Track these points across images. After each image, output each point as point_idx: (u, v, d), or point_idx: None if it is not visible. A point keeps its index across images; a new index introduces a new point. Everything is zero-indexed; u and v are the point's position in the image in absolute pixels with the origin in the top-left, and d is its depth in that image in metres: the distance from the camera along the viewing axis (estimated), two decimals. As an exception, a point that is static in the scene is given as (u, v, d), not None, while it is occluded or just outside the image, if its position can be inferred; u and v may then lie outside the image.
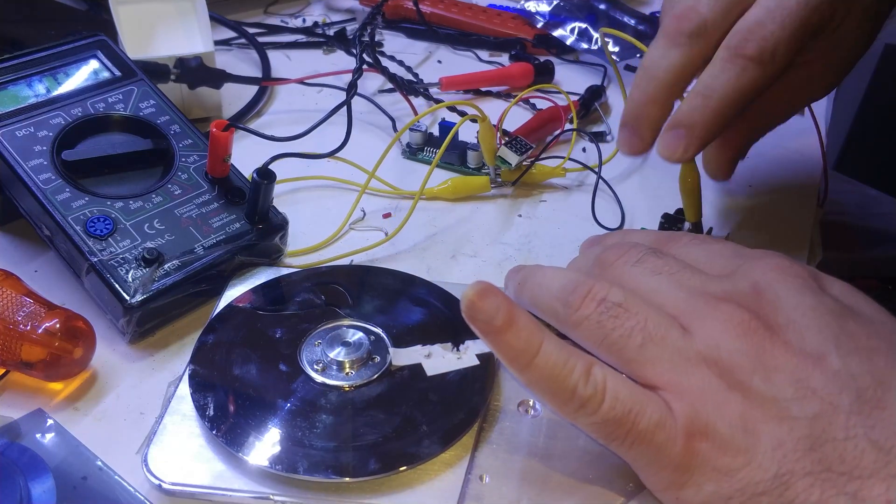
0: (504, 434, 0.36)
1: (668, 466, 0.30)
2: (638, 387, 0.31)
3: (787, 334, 0.30)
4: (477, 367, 0.38)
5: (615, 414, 0.30)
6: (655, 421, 0.30)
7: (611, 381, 0.30)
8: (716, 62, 0.40)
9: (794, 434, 0.28)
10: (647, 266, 0.34)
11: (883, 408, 0.28)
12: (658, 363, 0.31)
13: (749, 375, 0.30)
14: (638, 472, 0.32)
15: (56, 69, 0.48)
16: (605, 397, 0.30)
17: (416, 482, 0.34)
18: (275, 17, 0.76)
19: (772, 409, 0.29)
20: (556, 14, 0.71)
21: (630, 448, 0.30)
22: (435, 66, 0.70)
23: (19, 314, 0.39)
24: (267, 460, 0.34)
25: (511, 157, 0.52)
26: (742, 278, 0.33)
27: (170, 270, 0.42)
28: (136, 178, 0.46)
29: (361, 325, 0.41)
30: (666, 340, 0.31)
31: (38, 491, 0.34)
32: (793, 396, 0.29)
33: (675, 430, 0.30)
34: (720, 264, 0.35)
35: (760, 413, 0.29)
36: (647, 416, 0.30)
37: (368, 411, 0.36)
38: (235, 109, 0.61)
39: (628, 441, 0.30)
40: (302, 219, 0.50)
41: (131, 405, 0.39)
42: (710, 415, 0.29)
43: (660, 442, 0.30)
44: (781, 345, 0.30)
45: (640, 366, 0.31)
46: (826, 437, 0.28)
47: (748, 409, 0.29)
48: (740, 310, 0.31)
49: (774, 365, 0.29)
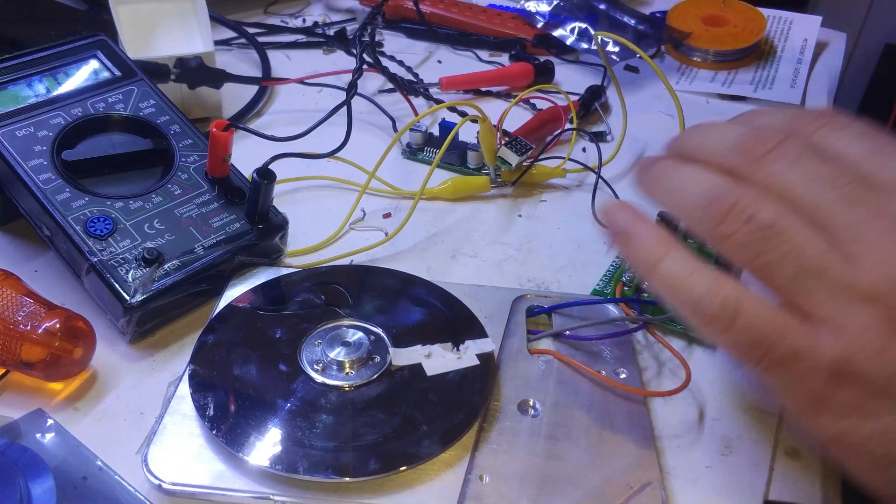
0: (504, 434, 0.36)
1: (805, 396, 0.28)
2: (780, 312, 0.28)
3: None
4: (477, 367, 0.38)
5: (750, 336, 0.28)
6: (794, 351, 0.28)
7: (747, 302, 0.28)
8: None
9: None
10: (808, 169, 0.29)
11: None
12: (812, 296, 0.28)
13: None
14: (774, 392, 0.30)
15: (56, 69, 0.48)
16: (738, 317, 0.28)
17: (416, 482, 0.34)
18: (275, 17, 0.76)
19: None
20: (556, 14, 0.71)
21: (764, 371, 0.29)
22: (435, 66, 0.70)
23: (19, 314, 0.39)
24: (267, 460, 0.34)
25: (511, 157, 0.52)
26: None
27: (170, 270, 0.42)
28: (136, 178, 0.46)
29: (361, 325, 0.41)
30: (824, 273, 0.27)
31: (38, 491, 0.34)
32: None
33: (819, 365, 0.27)
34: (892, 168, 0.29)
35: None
36: (786, 344, 0.28)
37: (368, 411, 0.36)
38: (235, 109, 0.61)
39: (762, 365, 0.28)
40: (302, 219, 0.50)
41: (131, 405, 0.39)
42: (865, 361, 0.27)
43: (799, 371, 0.28)
44: None
45: (792, 295, 0.28)
46: None
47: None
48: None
49: None
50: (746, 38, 0.68)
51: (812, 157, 0.29)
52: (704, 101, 0.65)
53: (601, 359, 0.40)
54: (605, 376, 0.39)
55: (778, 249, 0.28)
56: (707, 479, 0.36)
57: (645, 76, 0.68)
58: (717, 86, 0.66)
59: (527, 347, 0.40)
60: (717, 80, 0.67)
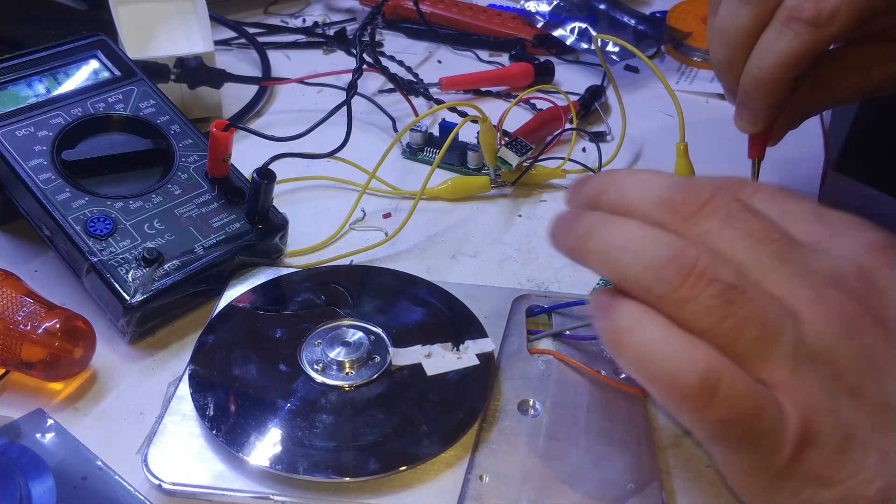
0: (504, 434, 0.36)
1: (768, 473, 0.27)
2: (756, 384, 0.26)
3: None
4: (477, 367, 0.38)
5: (731, 413, 0.26)
6: (768, 427, 0.26)
7: (728, 374, 0.26)
8: (773, 26, 0.39)
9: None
10: (742, 225, 0.28)
11: None
12: (773, 359, 0.26)
13: (863, 379, 0.27)
14: (727, 474, 0.29)
15: (56, 69, 0.48)
16: (719, 392, 0.26)
17: (416, 482, 0.34)
18: (275, 17, 0.76)
19: (881, 417, 0.27)
20: (556, 14, 0.71)
21: (735, 451, 0.27)
22: (435, 66, 0.70)
23: (19, 314, 0.39)
24: (267, 460, 0.34)
25: (511, 157, 0.52)
26: (843, 257, 0.29)
27: (170, 270, 0.42)
28: (136, 178, 0.46)
29: (361, 325, 0.41)
30: (781, 335, 0.26)
31: (38, 491, 0.34)
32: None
33: (787, 437, 0.26)
34: (803, 229, 0.29)
35: (870, 422, 0.27)
36: (761, 421, 0.26)
37: (368, 411, 0.36)
38: (235, 109, 0.61)
39: (735, 444, 0.27)
40: (302, 219, 0.50)
41: (131, 405, 0.39)
42: (822, 423, 0.26)
43: (768, 447, 0.27)
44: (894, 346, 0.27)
45: (754, 361, 0.27)
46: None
47: (859, 417, 0.27)
48: (850, 301, 0.27)
49: (887, 368, 0.27)
50: (746, 38, 0.68)
51: (742, 212, 0.28)
52: (704, 101, 0.65)
53: (601, 359, 0.40)
54: (605, 376, 0.39)
55: (742, 311, 0.26)
56: (707, 479, 0.36)
57: (645, 76, 0.68)
58: (717, 86, 0.66)
59: (527, 347, 0.40)
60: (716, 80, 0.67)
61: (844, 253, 0.29)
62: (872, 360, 0.27)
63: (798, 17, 0.38)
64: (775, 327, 0.26)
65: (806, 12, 0.38)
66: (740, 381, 0.26)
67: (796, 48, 0.39)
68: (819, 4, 0.38)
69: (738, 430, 0.26)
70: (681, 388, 0.26)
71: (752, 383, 0.26)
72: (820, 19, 0.38)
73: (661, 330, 0.27)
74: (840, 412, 0.26)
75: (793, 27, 0.39)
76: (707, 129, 0.61)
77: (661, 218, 0.29)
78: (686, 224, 0.28)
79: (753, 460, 0.27)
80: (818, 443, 0.26)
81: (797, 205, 0.30)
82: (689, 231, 0.28)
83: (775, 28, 0.39)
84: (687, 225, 0.28)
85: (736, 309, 0.26)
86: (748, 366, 0.27)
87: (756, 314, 0.26)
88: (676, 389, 0.26)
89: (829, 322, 0.27)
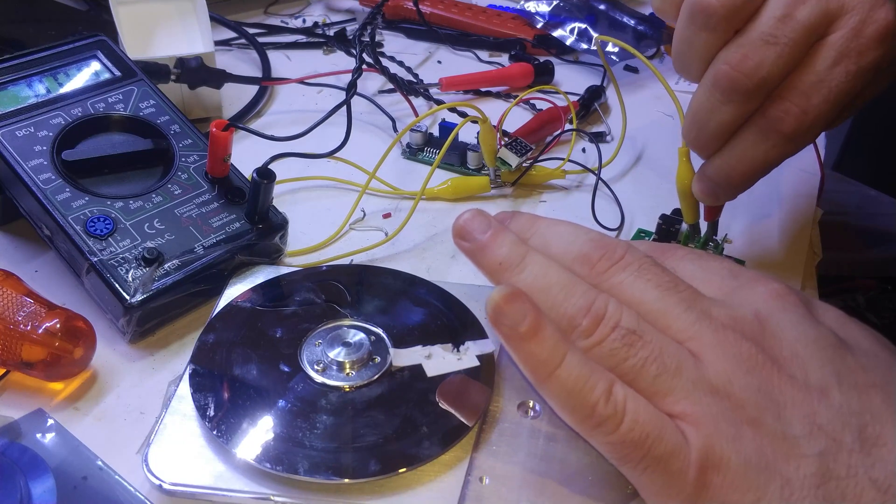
0: (504, 436, 0.36)
1: (677, 496, 0.29)
2: (657, 411, 0.30)
3: (792, 368, 0.30)
4: (477, 367, 0.38)
5: (633, 436, 0.29)
6: (671, 449, 0.29)
7: (631, 403, 0.29)
8: (751, 130, 0.39)
9: (801, 472, 0.28)
10: (650, 279, 0.32)
11: (881, 446, 0.28)
12: (673, 393, 0.30)
13: (761, 411, 0.29)
14: (644, 496, 0.31)
15: (56, 69, 0.48)
16: (625, 418, 0.29)
17: (416, 483, 0.34)
18: (275, 18, 0.76)
19: (782, 446, 0.29)
20: (556, 14, 0.71)
21: (643, 473, 0.30)
22: (435, 67, 0.70)
23: (19, 314, 0.39)
24: (267, 461, 0.34)
25: (511, 158, 0.52)
26: (743, 304, 0.32)
27: (170, 270, 0.42)
28: (136, 178, 0.46)
29: (362, 326, 0.41)
30: (680, 372, 0.30)
31: (39, 491, 0.34)
32: (802, 433, 0.29)
33: (690, 460, 0.29)
34: (716, 283, 0.34)
35: (771, 450, 0.29)
36: (663, 443, 0.29)
37: (368, 412, 0.36)
38: (235, 109, 0.61)
39: (642, 465, 0.29)
40: (302, 219, 0.50)
41: (131, 405, 0.39)
42: (724, 449, 0.29)
43: (673, 470, 0.29)
44: (787, 379, 0.30)
45: (655, 395, 0.30)
46: (830, 474, 0.28)
47: (760, 446, 0.29)
48: (747, 342, 0.30)
49: (783, 400, 0.29)
50: (746, 38, 0.68)
51: (652, 266, 0.33)
52: (704, 102, 0.65)
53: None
54: (604, 377, 0.39)
55: (641, 353, 0.30)
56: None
57: (644, 76, 0.68)
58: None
59: (527, 348, 0.40)
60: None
61: (745, 301, 0.32)
62: (769, 394, 0.29)
63: (778, 130, 0.38)
64: (673, 365, 0.30)
65: (787, 127, 0.38)
66: (642, 407, 0.29)
67: (772, 158, 0.39)
68: (800, 119, 0.37)
69: (644, 449, 0.29)
70: (598, 416, 0.29)
71: (654, 410, 0.30)
72: (799, 133, 0.38)
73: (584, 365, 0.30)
74: (742, 439, 0.29)
75: (771, 138, 0.38)
76: (707, 129, 0.61)
77: (579, 270, 0.33)
78: (601, 277, 0.33)
79: (663, 482, 0.29)
80: (721, 466, 0.29)
81: (717, 263, 0.35)
82: (604, 283, 0.32)
83: (753, 133, 0.39)
84: (602, 278, 0.33)
85: (636, 350, 0.30)
86: (653, 400, 0.30)
87: (654, 354, 0.30)
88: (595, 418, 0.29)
89: (726, 360, 0.30)
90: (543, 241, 0.34)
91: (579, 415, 0.30)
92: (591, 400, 0.29)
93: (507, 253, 0.33)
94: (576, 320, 0.31)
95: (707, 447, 0.29)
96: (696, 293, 0.32)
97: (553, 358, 0.30)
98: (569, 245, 0.34)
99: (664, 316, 0.31)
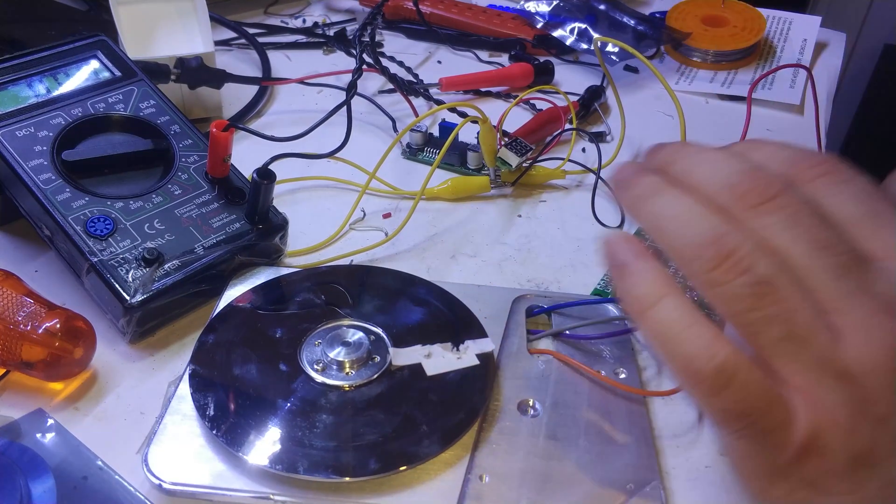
0: (504, 434, 0.36)
1: (769, 465, 0.28)
2: (770, 383, 0.27)
3: None
4: (477, 367, 0.38)
5: (740, 406, 0.26)
6: (775, 425, 0.27)
7: (742, 370, 0.26)
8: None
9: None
10: (806, 230, 0.27)
11: None
12: (793, 362, 0.27)
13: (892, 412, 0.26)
14: (730, 453, 0.30)
15: (56, 69, 0.48)
16: (732, 384, 0.26)
17: (416, 482, 0.34)
18: (275, 18, 0.76)
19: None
20: (556, 14, 0.71)
21: (738, 439, 0.28)
22: (435, 67, 0.70)
23: (19, 314, 0.39)
24: (267, 460, 0.34)
25: (511, 158, 0.52)
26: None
27: (170, 270, 0.42)
28: (136, 178, 0.46)
29: (361, 325, 0.41)
30: (810, 343, 0.26)
31: (39, 491, 0.34)
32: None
33: (792, 439, 0.27)
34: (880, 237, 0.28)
35: (885, 451, 0.26)
36: (769, 419, 0.27)
37: (368, 411, 0.36)
38: (235, 109, 0.61)
39: (738, 433, 0.27)
40: (302, 219, 0.50)
41: (131, 405, 0.39)
42: (834, 440, 0.26)
43: (772, 444, 0.27)
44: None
45: (772, 356, 0.27)
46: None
47: (875, 446, 0.26)
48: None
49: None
50: (746, 38, 0.69)
51: (810, 216, 0.27)
52: (704, 102, 0.65)
53: (601, 359, 0.40)
54: (604, 376, 0.39)
55: (769, 308, 0.26)
56: (707, 479, 0.36)
57: (644, 76, 0.68)
58: (717, 86, 0.66)
59: (526, 347, 0.40)
60: (716, 80, 0.67)
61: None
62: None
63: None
64: (802, 333, 0.26)
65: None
66: (754, 378, 0.26)
67: None
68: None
69: (745, 422, 0.27)
70: (695, 373, 0.27)
71: (766, 382, 0.27)
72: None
73: (684, 313, 0.27)
74: (857, 434, 0.26)
75: None
76: (707, 129, 0.61)
77: (722, 201, 0.28)
78: (746, 214, 0.28)
79: (756, 451, 0.28)
80: (823, 454, 0.27)
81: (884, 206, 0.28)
82: (748, 221, 0.28)
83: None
84: (747, 215, 0.28)
85: (765, 304, 0.26)
86: (768, 359, 0.27)
87: (783, 315, 0.26)
88: (691, 374, 0.27)
89: (871, 349, 0.26)
90: (688, 168, 0.30)
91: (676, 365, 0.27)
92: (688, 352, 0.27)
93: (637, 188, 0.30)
94: (700, 250, 0.27)
95: (816, 432, 0.26)
96: (858, 260, 0.27)
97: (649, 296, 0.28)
98: (716, 173, 0.29)
99: (810, 277, 0.27)
